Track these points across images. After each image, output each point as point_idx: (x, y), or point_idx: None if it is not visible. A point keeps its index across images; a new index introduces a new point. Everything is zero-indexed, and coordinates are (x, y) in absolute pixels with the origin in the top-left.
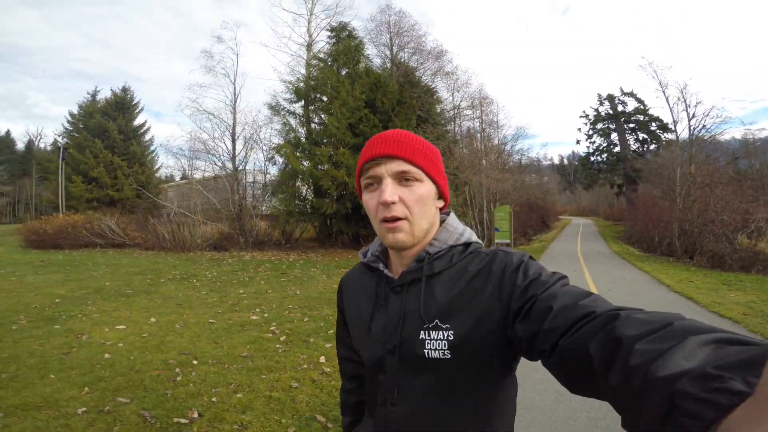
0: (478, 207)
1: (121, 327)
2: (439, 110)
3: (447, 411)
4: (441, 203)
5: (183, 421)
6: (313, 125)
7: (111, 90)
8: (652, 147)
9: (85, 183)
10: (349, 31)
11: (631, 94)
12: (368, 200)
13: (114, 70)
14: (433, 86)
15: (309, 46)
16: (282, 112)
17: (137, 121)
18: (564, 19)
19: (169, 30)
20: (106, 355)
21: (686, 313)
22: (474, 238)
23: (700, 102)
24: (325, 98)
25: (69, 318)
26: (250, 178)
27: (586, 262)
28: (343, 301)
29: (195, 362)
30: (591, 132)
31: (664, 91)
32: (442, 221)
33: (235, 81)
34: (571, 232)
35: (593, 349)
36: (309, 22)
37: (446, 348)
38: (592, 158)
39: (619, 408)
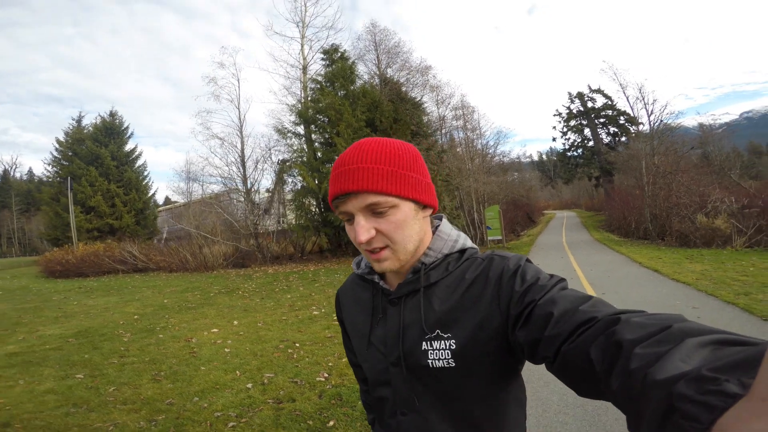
0: (468, 208)
1: (215, 330)
2: (426, 121)
3: (458, 418)
4: (428, 212)
5: (320, 379)
6: (316, 144)
7: (99, 115)
8: (623, 139)
9: (84, 213)
10: (341, 53)
11: (599, 91)
12: (349, 232)
13: (84, 93)
14: (419, 99)
15: (304, 69)
16: (288, 135)
17: (128, 146)
18: (531, 18)
19: (137, 48)
20: (226, 350)
21: (651, 281)
22: (469, 243)
23: (656, 100)
24: (326, 120)
25: (163, 328)
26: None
27: (570, 251)
28: (342, 313)
29: (297, 345)
30: (565, 129)
31: (624, 91)
32: (436, 227)
33: (239, 105)
34: (556, 225)
35: (594, 354)
36: (302, 46)
37: (449, 357)
38: (569, 153)
39: (623, 411)
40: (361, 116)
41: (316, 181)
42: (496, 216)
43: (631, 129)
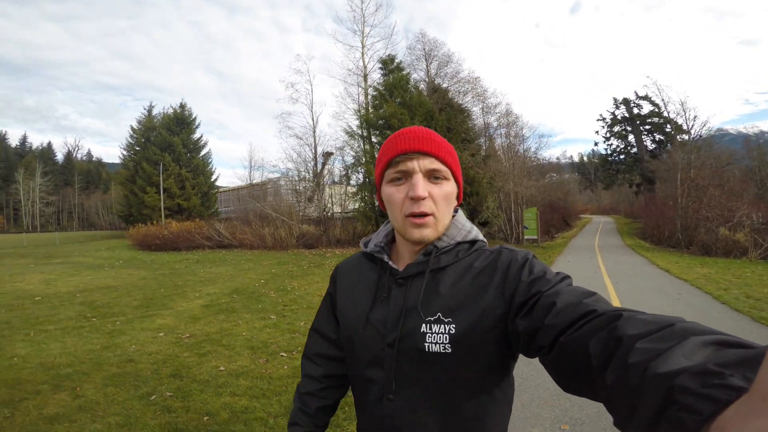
0: (506, 207)
1: None
2: (471, 126)
3: (444, 407)
4: (456, 202)
5: None
6: (377, 146)
7: (171, 107)
8: (669, 147)
9: (157, 193)
10: (396, 64)
11: (646, 98)
12: (394, 193)
13: (136, 82)
14: (464, 105)
15: (365, 77)
16: (356, 137)
17: (195, 135)
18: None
19: (185, 41)
20: None
21: (659, 277)
22: (480, 236)
23: (696, 116)
24: (387, 125)
25: (293, 288)
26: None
27: (600, 252)
28: (336, 287)
29: None
30: (608, 134)
31: (665, 107)
32: (452, 216)
33: (312, 108)
34: (591, 230)
35: (592, 347)
36: (362, 55)
37: (447, 342)
38: (611, 159)
39: (613, 407)
40: (419, 124)
41: None
42: (533, 217)
43: (678, 138)
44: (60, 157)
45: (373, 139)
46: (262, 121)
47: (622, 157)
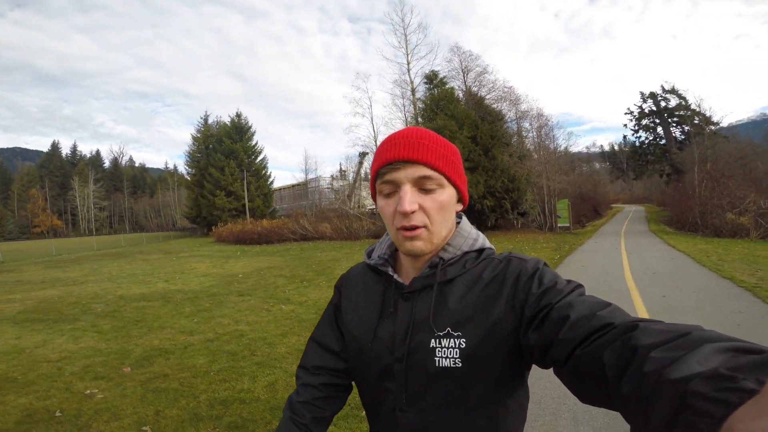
0: (541, 200)
1: None
2: (505, 127)
3: (457, 420)
4: (460, 206)
5: None
6: None
7: (228, 116)
8: (696, 139)
9: (226, 196)
10: (440, 79)
11: (673, 91)
12: (384, 207)
13: (165, 89)
14: (500, 110)
15: (413, 91)
16: None
17: (252, 142)
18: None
19: (208, 48)
20: None
21: (665, 251)
22: (487, 244)
23: (711, 115)
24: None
25: None
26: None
27: (625, 236)
28: (341, 299)
29: None
30: (636, 127)
31: (684, 109)
32: (456, 224)
33: (372, 120)
34: (620, 218)
35: (607, 357)
36: (408, 71)
37: (458, 356)
38: (639, 151)
39: (629, 416)
40: (467, 134)
41: None
42: (565, 208)
43: (707, 129)
44: (107, 164)
45: None
46: (284, 122)
47: (651, 148)
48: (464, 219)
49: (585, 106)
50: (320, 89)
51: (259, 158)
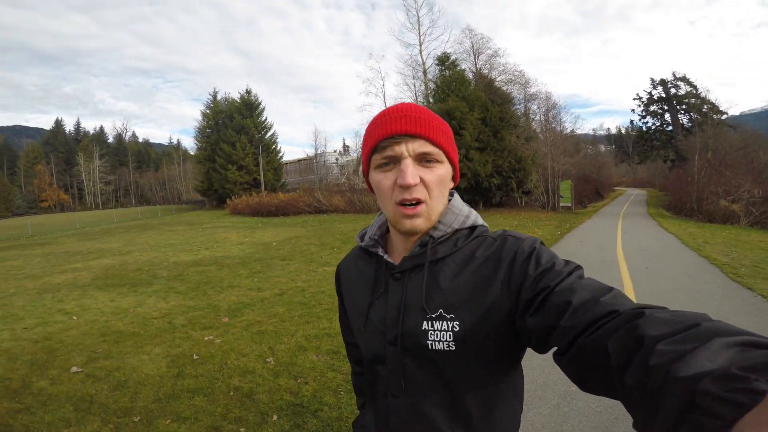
0: (545, 180)
1: None
2: (514, 109)
3: (450, 404)
4: (452, 184)
5: None
6: None
7: (238, 92)
8: (704, 127)
9: (237, 170)
10: (452, 61)
11: (683, 79)
12: (381, 180)
13: (165, 65)
14: (509, 92)
15: (425, 72)
16: None
17: (262, 118)
18: None
19: (209, 24)
20: None
21: (656, 231)
22: (480, 221)
23: (714, 105)
24: (449, 117)
25: None
26: None
27: (623, 218)
28: (341, 287)
29: None
30: (644, 113)
31: (693, 97)
32: (448, 201)
33: (385, 101)
34: (621, 201)
35: (612, 347)
36: (420, 52)
37: (451, 339)
38: (646, 136)
39: (633, 408)
40: (477, 116)
41: None
42: (568, 188)
43: (715, 117)
44: (111, 139)
45: None
46: (285, 96)
47: (657, 134)
48: (456, 196)
49: (594, 88)
50: (323, 64)
51: (269, 134)
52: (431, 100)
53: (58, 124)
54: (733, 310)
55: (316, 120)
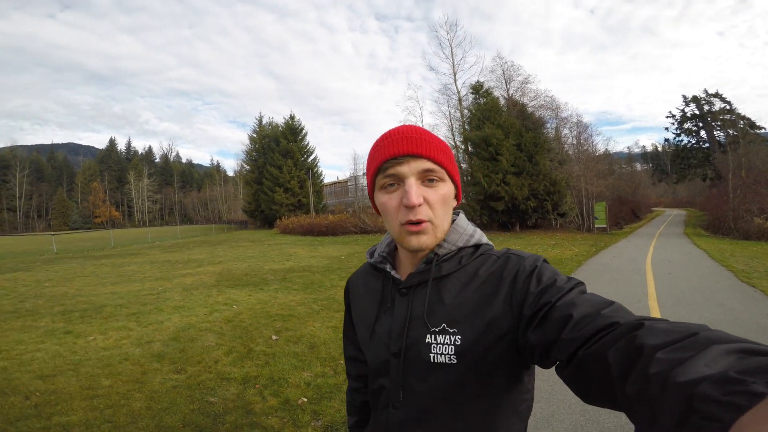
0: (579, 203)
1: None
2: (546, 132)
3: (450, 417)
4: (455, 203)
5: None
6: (473, 159)
7: (283, 117)
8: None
9: (284, 192)
10: (486, 90)
11: (717, 95)
12: (386, 201)
13: (204, 87)
14: (541, 117)
15: (460, 101)
16: (460, 152)
17: (305, 142)
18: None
19: (243, 47)
20: None
21: (688, 247)
22: (484, 239)
23: (741, 123)
24: (485, 143)
25: None
26: None
27: (658, 237)
28: (350, 301)
29: None
30: (678, 131)
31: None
32: (452, 221)
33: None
34: (659, 221)
35: (612, 358)
36: (455, 82)
37: (452, 353)
38: (682, 154)
39: (634, 417)
40: (513, 142)
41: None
42: (603, 210)
43: (752, 132)
44: (157, 159)
45: (470, 149)
46: (315, 119)
47: (693, 152)
48: (461, 215)
49: (626, 104)
50: (351, 87)
51: (311, 157)
52: (467, 127)
53: (112, 143)
54: (733, 300)
55: (345, 141)
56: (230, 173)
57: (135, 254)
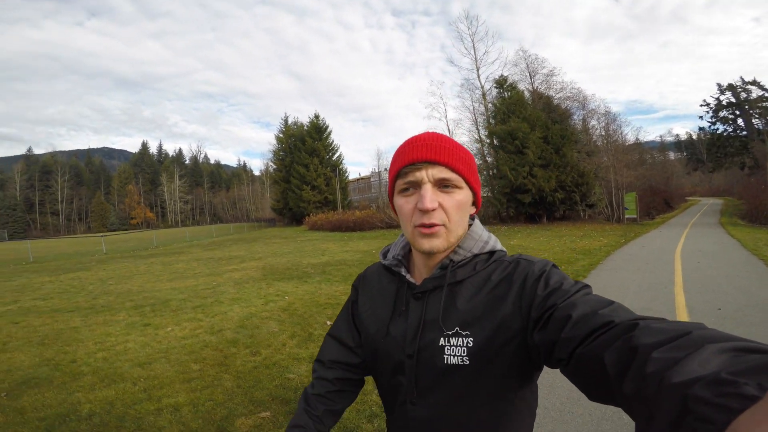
0: (609, 193)
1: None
2: (572, 124)
3: (465, 415)
4: (473, 210)
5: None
6: (499, 153)
7: (308, 117)
8: None
9: (311, 189)
10: (510, 84)
11: (755, 83)
12: (403, 204)
13: (229, 89)
14: (568, 108)
15: (484, 96)
16: (485, 146)
17: (330, 140)
18: None
19: (264, 48)
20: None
21: (722, 237)
22: (498, 246)
23: None
24: (511, 136)
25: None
26: None
27: (691, 227)
28: (359, 295)
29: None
30: (714, 119)
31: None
32: (468, 226)
33: (447, 124)
34: (693, 211)
35: (608, 358)
36: (478, 77)
37: (465, 354)
38: (718, 143)
39: (633, 415)
40: (539, 134)
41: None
42: (633, 200)
43: None
44: (187, 161)
45: (495, 142)
46: (336, 117)
47: (729, 140)
48: (476, 222)
49: (657, 92)
50: (369, 83)
51: (336, 155)
52: (491, 121)
53: (144, 146)
54: (761, 287)
55: (365, 138)
56: (256, 173)
57: (178, 253)
